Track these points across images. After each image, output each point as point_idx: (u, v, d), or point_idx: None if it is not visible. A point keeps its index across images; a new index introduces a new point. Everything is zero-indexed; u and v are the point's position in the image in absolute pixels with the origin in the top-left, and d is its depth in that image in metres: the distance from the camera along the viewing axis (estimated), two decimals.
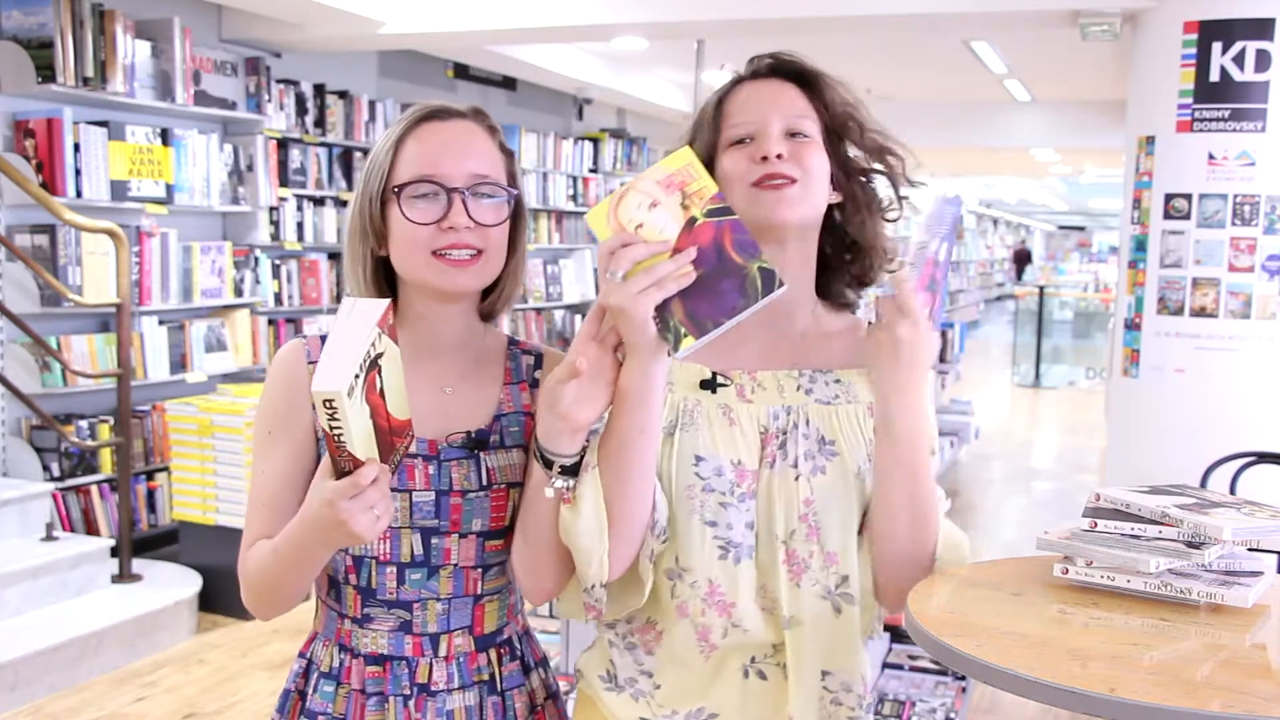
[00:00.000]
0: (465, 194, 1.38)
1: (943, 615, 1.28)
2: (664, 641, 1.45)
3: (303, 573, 1.35)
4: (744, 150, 1.42)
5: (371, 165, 1.43)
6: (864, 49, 7.13)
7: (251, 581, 1.40)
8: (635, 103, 9.14)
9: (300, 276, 6.30)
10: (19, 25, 4.73)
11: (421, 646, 1.44)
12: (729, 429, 1.42)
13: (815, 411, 1.44)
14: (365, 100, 6.83)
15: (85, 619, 4.17)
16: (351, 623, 1.44)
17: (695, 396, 1.43)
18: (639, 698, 1.47)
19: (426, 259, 1.38)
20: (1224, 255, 4.47)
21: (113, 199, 5.00)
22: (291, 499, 1.38)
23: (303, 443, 1.42)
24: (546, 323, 8.68)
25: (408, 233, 1.39)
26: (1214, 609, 1.30)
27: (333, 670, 1.45)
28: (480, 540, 1.43)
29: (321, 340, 1.42)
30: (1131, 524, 1.33)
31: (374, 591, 1.42)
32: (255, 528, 1.41)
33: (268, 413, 1.44)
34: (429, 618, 1.43)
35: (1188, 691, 1.09)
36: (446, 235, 1.38)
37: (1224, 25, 4.42)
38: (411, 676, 1.43)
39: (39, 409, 4.55)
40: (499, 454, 1.45)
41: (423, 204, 1.39)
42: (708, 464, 1.40)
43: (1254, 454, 3.53)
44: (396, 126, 1.44)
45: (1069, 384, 13.34)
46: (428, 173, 1.39)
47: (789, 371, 1.46)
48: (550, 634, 3.42)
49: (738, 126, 1.43)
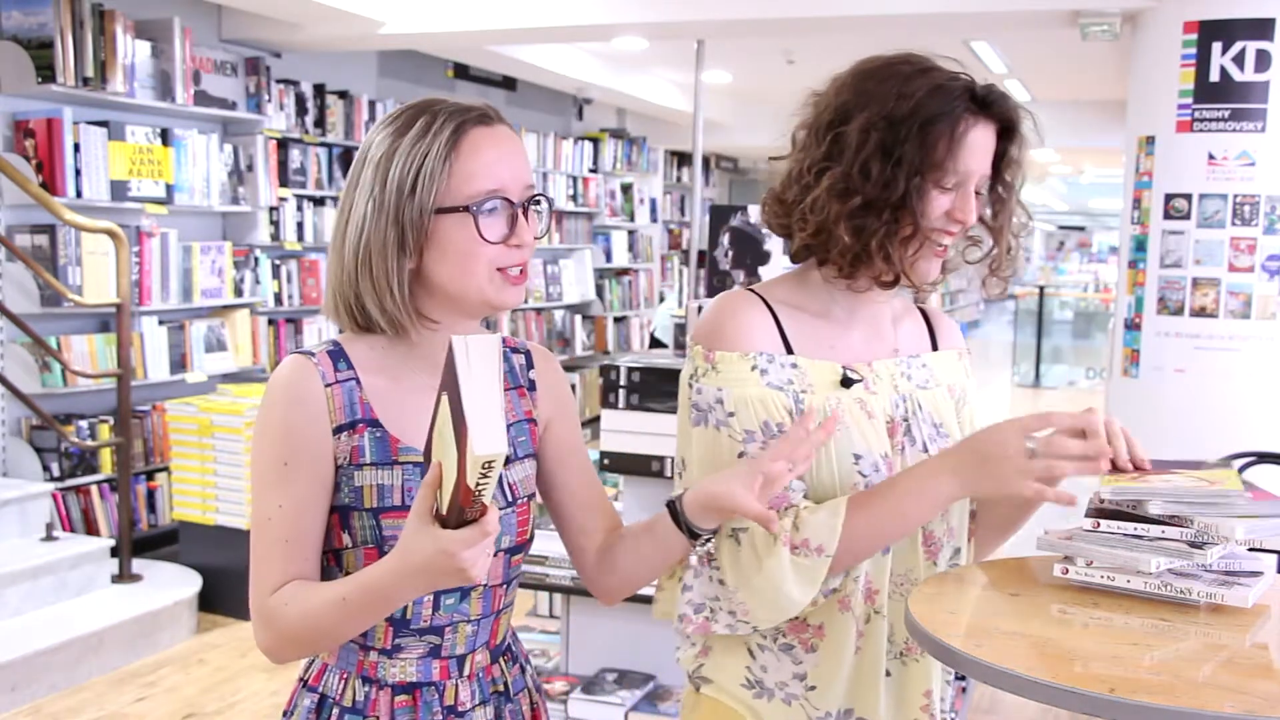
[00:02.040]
0: (527, 208, 1.34)
1: (943, 615, 1.28)
2: (827, 639, 1.46)
3: (376, 620, 1.29)
4: (945, 197, 1.41)
5: (415, 174, 1.30)
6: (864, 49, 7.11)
7: (292, 630, 1.28)
8: (635, 103, 9.13)
9: (300, 276, 6.30)
10: (19, 25, 4.72)
11: (449, 669, 1.41)
12: (869, 422, 1.45)
13: (923, 397, 1.51)
14: (365, 100, 6.83)
15: (85, 619, 4.17)
16: (379, 654, 1.38)
17: (836, 396, 1.44)
18: (791, 701, 1.47)
19: (490, 275, 1.33)
20: (1224, 255, 4.47)
21: (113, 199, 5.00)
22: (312, 534, 1.31)
23: (324, 474, 1.32)
24: (546, 323, 8.68)
25: (472, 248, 1.31)
26: (1214, 609, 1.30)
27: (356, 704, 1.38)
28: (507, 557, 1.41)
29: (330, 356, 1.35)
30: (1134, 524, 1.32)
31: (408, 622, 1.36)
32: (276, 569, 1.29)
33: (279, 445, 1.31)
34: (459, 640, 1.40)
35: (1188, 691, 1.08)
36: (512, 253, 1.33)
37: (1224, 25, 4.42)
38: (440, 700, 1.40)
39: (39, 409, 4.55)
40: (515, 467, 1.42)
41: (492, 220, 1.32)
42: (865, 460, 1.43)
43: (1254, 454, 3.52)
44: (439, 131, 1.31)
45: (1069, 384, 13.34)
46: (495, 187, 1.32)
47: (893, 360, 1.51)
48: (550, 634, 3.42)
49: (954, 174, 1.40)
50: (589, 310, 9.25)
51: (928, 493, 1.37)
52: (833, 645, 1.46)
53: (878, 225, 1.40)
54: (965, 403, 1.58)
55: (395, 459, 1.34)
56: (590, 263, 9.24)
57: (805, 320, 1.48)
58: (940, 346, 1.60)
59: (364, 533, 1.34)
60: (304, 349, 1.37)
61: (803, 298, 1.50)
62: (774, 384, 1.42)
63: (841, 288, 1.49)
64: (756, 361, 1.42)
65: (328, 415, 1.32)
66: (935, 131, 1.38)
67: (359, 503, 1.34)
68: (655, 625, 2.98)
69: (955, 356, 1.61)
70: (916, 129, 1.38)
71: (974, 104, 1.41)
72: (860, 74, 1.46)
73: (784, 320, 1.47)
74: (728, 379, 1.42)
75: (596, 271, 9.35)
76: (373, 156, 1.33)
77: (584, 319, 9.12)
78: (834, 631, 1.46)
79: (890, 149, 1.39)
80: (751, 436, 1.41)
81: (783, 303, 1.48)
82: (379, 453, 1.34)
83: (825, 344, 1.46)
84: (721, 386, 1.42)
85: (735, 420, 1.42)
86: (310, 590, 1.28)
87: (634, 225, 10.04)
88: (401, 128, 1.32)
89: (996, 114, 1.43)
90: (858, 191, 1.40)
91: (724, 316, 1.46)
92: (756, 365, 1.42)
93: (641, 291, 10.06)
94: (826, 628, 1.46)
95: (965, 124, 1.39)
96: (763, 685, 1.48)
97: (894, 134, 1.39)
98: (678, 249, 10.85)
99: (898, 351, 1.53)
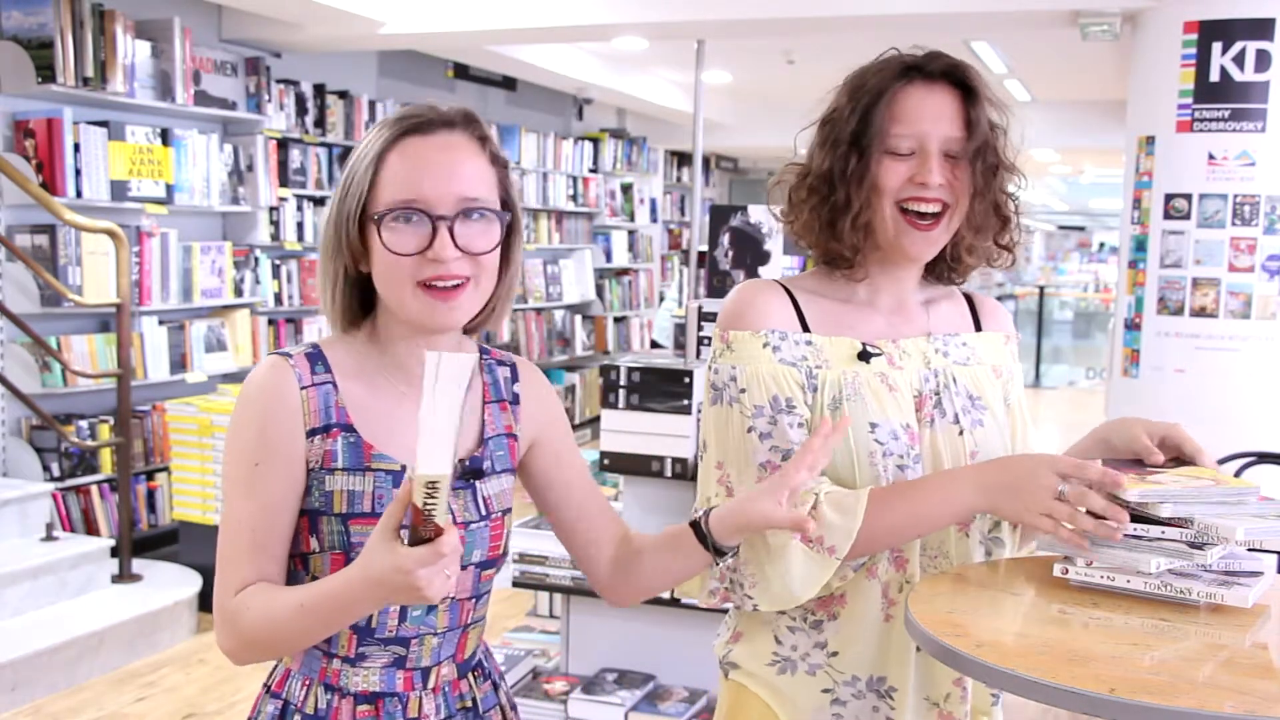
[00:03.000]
0: (453, 221, 1.28)
1: (943, 615, 1.28)
2: (849, 606, 1.49)
3: (335, 629, 1.27)
4: (902, 164, 1.45)
5: (349, 180, 1.32)
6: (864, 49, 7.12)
7: (253, 633, 1.27)
8: (635, 103, 9.13)
9: (300, 276, 6.30)
10: (19, 25, 4.72)
11: (413, 681, 1.39)
12: (890, 394, 1.48)
13: (959, 372, 1.53)
14: (365, 100, 6.83)
15: (85, 619, 4.17)
16: (341, 662, 1.36)
17: (853, 370, 1.48)
18: (815, 671, 1.50)
19: (412, 290, 1.29)
20: (1224, 255, 4.47)
21: (113, 199, 5.00)
22: (280, 537, 1.31)
23: (295, 477, 1.31)
24: (547, 323, 8.68)
25: (388, 261, 1.29)
26: (1214, 609, 1.30)
27: (318, 712, 1.37)
28: (477, 571, 1.39)
29: (307, 358, 1.34)
30: (1134, 524, 1.32)
31: (373, 631, 1.35)
32: (242, 570, 1.29)
33: (251, 445, 1.30)
34: (424, 652, 1.39)
35: (1188, 691, 1.08)
36: (432, 266, 1.28)
37: (1224, 25, 4.42)
38: (404, 711, 1.38)
39: (39, 409, 4.55)
40: (491, 481, 1.41)
41: (406, 230, 1.28)
42: (882, 429, 1.46)
43: (1254, 454, 3.53)
44: (376, 138, 1.32)
45: (1069, 384, 13.34)
46: (409, 197, 1.28)
47: (924, 338, 1.54)
48: (550, 634, 3.42)
49: (901, 138, 1.45)
50: (589, 310, 9.25)
51: (951, 501, 1.41)
52: (855, 611, 1.49)
53: (821, 202, 1.48)
54: (1013, 386, 1.61)
55: (368, 465, 1.33)
56: (590, 263, 9.24)
57: (825, 304, 1.53)
58: (985, 329, 1.63)
59: (332, 538, 1.33)
60: (282, 350, 1.36)
61: (826, 286, 1.55)
62: (786, 360, 1.47)
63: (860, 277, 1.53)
64: (769, 339, 1.47)
65: (302, 417, 1.31)
66: (870, 103, 1.46)
67: (329, 508, 1.33)
68: (655, 625, 2.99)
69: (1002, 340, 1.63)
70: (858, 109, 1.46)
71: (908, 71, 1.47)
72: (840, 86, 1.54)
73: (803, 303, 1.52)
74: (740, 357, 1.47)
75: (596, 271, 9.36)
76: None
77: (584, 319, 9.12)
78: (856, 598, 1.48)
79: (835, 131, 1.47)
80: (760, 411, 1.45)
81: (804, 289, 1.54)
82: (351, 458, 1.33)
83: (845, 324, 1.51)
84: (735, 364, 1.48)
85: (746, 396, 1.46)
86: (272, 594, 1.27)
87: (634, 225, 10.05)
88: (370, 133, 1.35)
89: (936, 73, 1.47)
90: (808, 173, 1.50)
91: (742, 302, 1.52)
92: (769, 343, 1.47)
93: (641, 291, 10.06)
94: (849, 595, 1.48)
95: (896, 88, 1.45)
96: (788, 660, 1.51)
97: (838, 117, 1.48)
98: (678, 249, 10.84)
99: (931, 332, 1.56)
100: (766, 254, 2.94)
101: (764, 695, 1.51)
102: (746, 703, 1.52)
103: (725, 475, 1.49)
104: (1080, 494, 1.32)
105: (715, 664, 1.59)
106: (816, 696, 1.50)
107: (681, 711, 2.86)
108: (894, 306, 1.55)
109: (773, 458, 1.44)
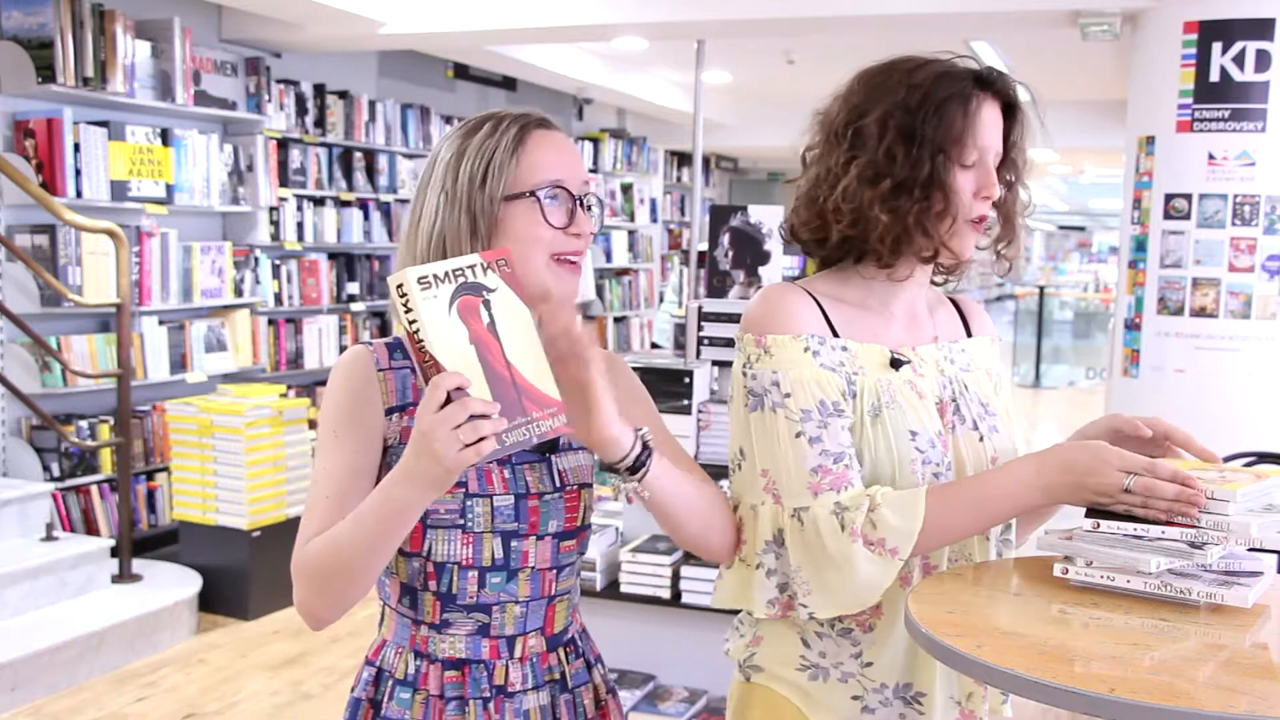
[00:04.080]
0: (584, 201, 1.46)
1: (943, 615, 1.28)
2: (885, 617, 1.48)
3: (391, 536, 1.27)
4: (969, 175, 1.47)
5: (486, 166, 1.42)
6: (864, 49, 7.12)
7: (318, 561, 1.32)
8: (635, 103, 9.13)
9: (300, 277, 6.30)
10: (19, 25, 4.72)
11: (498, 649, 1.45)
12: (920, 402, 1.49)
13: (967, 379, 1.55)
14: (365, 100, 6.83)
15: (85, 619, 4.17)
16: (429, 629, 1.44)
17: (886, 378, 1.48)
18: (847, 679, 1.50)
19: (547, 261, 1.43)
20: (1224, 255, 4.47)
21: (113, 199, 5.00)
22: (354, 496, 1.35)
23: (369, 442, 1.40)
24: None
25: (534, 233, 1.42)
26: (1214, 609, 1.30)
27: (408, 677, 1.45)
28: (555, 541, 1.46)
29: (387, 348, 1.44)
30: (1135, 524, 1.32)
31: (454, 597, 1.42)
32: (315, 522, 1.36)
33: (332, 415, 1.41)
34: (507, 620, 1.45)
35: (1188, 691, 1.08)
36: (570, 240, 1.44)
37: (1224, 25, 4.42)
38: (490, 679, 1.44)
39: (39, 409, 4.55)
40: (568, 455, 1.49)
41: (554, 207, 1.43)
42: (921, 437, 1.47)
43: (1254, 454, 3.53)
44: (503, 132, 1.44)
45: (1069, 384, 13.35)
46: (559, 177, 1.44)
47: (934, 346, 1.55)
48: None
49: (971, 150, 1.47)
50: (589, 310, 9.25)
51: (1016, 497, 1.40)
52: (890, 621, 1.48)
53: (910, 204, 1.45)
54: (1000, 388, 1.63)
55: None
56: (590, 263, 9.23)
57: (846, 309, 1.52)
58: (974, 333, 1.64)
59: None
60: (364, 341, 1.47)
61: (841, 290, 1.54)
62: (826, 365, 1.46)
63: (881, 279, 1.53)
64: (809, 344, 1.46)
65: (380, 395, 1.41)
66: (950, 110, 1.45)
67: None
68: (655, 625, 2.99)
69: (988, 343, 1.65)
70: (933, 110, 1.44)
71: (980, 83, 1.48)
72: (865, 77, 1.52)
73: (828, 308, 1.51)
74: (781, 361, 1.46)
75: (596, 271, 9.35)
76: (443, 158, 1.45)
77: (584, 319, 9.09)
78: (891, 609, 1.48)
79: (911, 132, 1.45)
80: (808, 415, 1.44)
81: (823, 293, 1.53)
82: None
83: (869, 330, 1.51)
84: (776, 369, 1.46)
85: (792, 401, 1.44)
86: (331, 530, 1.33)
87: (634, 225, 10.04)
88: (468, 133, 1.45)
89: (1000, 91, 1.50)
90: (887, 175, 1.45)
91: (771, 305, 1.50)
92: (809, 347, 1.46)
93: (641, 291, 10.06)
94: (885, 605, 1.47)
95: (976, 100, 1.46)
96: (819, 666, 1.51)
97: (911, 118, 1.45)
98: (678, 249, 10.85)
99: (937, 338, 1.57)
100: (766, 254, 2.94)
101: (794, 699, 1.51)
102: (777, 705, 1.51)
103: (771, 483, 1.46)
104: (1148, 486, 1.32)
105: (715, 665, 1.59)
106: (847, 703, 1.50)
107: (682, 711, 2.86)
108: (907, 312, 1.56)
109: (824, 461, 1.42)
